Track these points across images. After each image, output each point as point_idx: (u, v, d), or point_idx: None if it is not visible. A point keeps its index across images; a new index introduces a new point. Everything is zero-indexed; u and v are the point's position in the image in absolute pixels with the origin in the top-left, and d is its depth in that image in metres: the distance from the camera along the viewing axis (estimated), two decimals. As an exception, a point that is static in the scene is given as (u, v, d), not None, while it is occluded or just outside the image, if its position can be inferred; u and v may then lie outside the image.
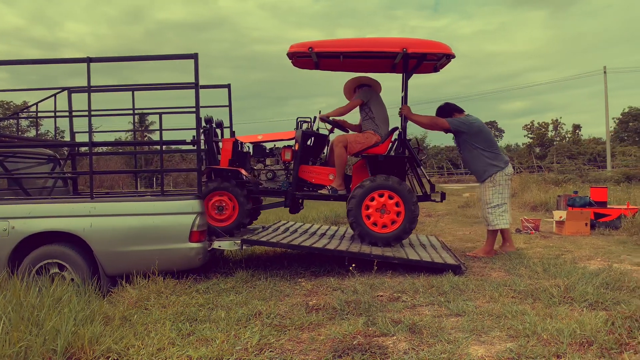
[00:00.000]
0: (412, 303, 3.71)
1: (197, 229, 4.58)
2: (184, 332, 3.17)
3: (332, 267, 5.05)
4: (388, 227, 5.20)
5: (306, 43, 5.24)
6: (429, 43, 5.30)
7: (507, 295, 3.81)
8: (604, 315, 3.09)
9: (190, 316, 3.52)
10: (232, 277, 4.74)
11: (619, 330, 2.81)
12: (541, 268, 4.63)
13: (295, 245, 4.94)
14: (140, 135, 37.75)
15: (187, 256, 4.60)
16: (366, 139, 5.53)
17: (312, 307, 3.64)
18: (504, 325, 3.10)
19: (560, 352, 2.62)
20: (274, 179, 5.66)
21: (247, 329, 3.20)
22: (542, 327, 2.94)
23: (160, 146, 5.08)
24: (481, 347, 2.78)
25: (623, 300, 3.47)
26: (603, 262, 5.09)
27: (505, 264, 5.01)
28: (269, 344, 2.95)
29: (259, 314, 3.52)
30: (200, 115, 4.82)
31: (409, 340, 2.90)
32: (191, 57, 4.71)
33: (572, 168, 24.68)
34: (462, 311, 3.43)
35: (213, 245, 4.85)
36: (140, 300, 3.93)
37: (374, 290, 4.06)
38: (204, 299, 3.99)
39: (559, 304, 3.51)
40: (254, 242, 4.90)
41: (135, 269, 4.46)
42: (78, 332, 2.91)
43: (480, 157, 5.64)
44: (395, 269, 4.82)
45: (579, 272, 4.32)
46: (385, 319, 3.23)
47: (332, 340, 2.94)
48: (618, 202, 10.11)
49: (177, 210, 4.64)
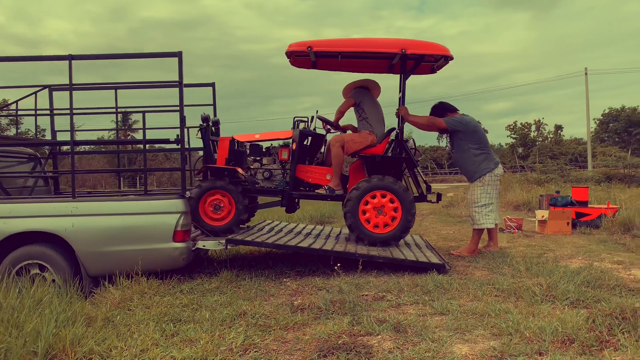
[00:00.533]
0: (397, 302, 3.72)
1: (181, 229, 4.54)
2: (168, 333, 3.14)
3: (317, 267, 5.05)
4: (386, 227, 5.22)
5: (305, 42, 5.27)
6: (428, 44, 5.34)
7: (491, 294, 3.84)
8: (585, 313, 3.13)
9: (174, 317, 3.48)
10: (216, 277, 4.71)
11: (599, 327, 2.86)
12: (524, 267, 4.68)
13: (280, 245, 4.93)
14: (124, 134, 37.35)
15: (171, 256, 4.56)
16: (363, 139, 5.54)
17: (297, 307, 3.64)
18: (487, 324, 3.12)
19: (543, 349, 2.66)
20: (271, 178, 5.64)
21: (232, 329, 3.18)
22: (525, 325, 2.98)
23: (143, 145, 5.03)
24: (465, 346, 2.80)
25: (603, 298, 3.52)
26: (584, 260, 5.17)
27: (489, 263, 5.06)
28: (253, 344, 2.94)
29: (244, 314, 3.51)
30: (184, 114, 4.78)
31: (393, 340, 2.91)
32: (175, 56, 4.67)
33: (554, 168, 25.00)
34: (446, 310, 3.45)
35: (197, 245, 4.81)
36: (123, 301, 3.89)
37: (359, 290, 4.07)
38: (188, 299, 3.96)
39: (542, 302, 3.55)
40: (238, 241, 4.88)
41: (118, 270, 4.40)
42: (59, 333, 2.86)
43: (472, 157, 5.68)
44: (380, 268, 4.83)
45: (560, 270, 4.38)
46: (370, 318, 3.24)
47: (317, 339, 2.94)
48: (598, 201, 10.27)
49: (160, 210, 4.59)
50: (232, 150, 5.52)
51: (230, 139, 5.53)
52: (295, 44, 5.32)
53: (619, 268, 4.82)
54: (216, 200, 5.25)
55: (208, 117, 5.50)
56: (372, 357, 2.68)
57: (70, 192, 4.77)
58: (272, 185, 5.62)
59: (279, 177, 5.64)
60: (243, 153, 5.71)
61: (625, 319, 2.90)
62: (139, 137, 27.54)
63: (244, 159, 5.70)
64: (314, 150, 5.96)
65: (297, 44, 5.31)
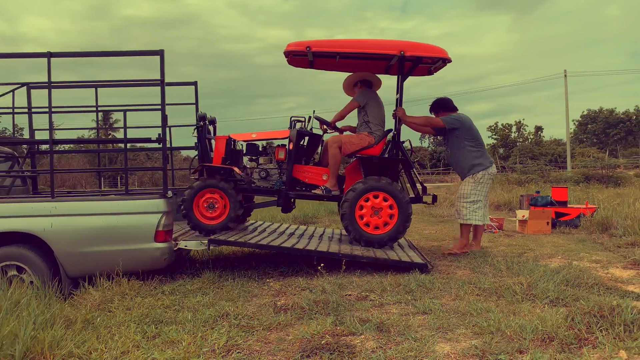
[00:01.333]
0: (380, 302, 3.73)
1: (162, 229, 4.50)
2: (149, 335, 3.11)
3: (300, 267, 5.04)
4: (382, 228, 5.24)
5: (304, 42, 5.28)
6: (427, 47, 5.39)
7: (472, 293, 3.88)
8: (564, 312, 3.18)
9: (156, 318, 3.44)
10: (198, 278, 4.67)
11: (578, 325, 2.90)
12: (505, 266, 4.74)
13: (263, 245, 4.90)
14: (105, 134, 36.86)
15: (153, 256, 4.51)
16: (360, 140, 5.55)
17: (281, 308, 3.63)
18: (469, 323, 3.15)
19: (523, 348, 2.69)
20: (267, 177, 5.63)
21: (214, 330, 3.16)
22: (506, 324, 3.01)
23: (124, 144, 4.97)
24: (447, 345, 2.83)
25: (582, 297, 3.58)
26: (563, 259, 5.25)
27: (470, 263, 5.11)
28: (236, 345, 2.92)
29: (227, 315, 3.48)
30: (165, 113, 4.73)
31: (376, 339, 2.92)
32: (157, 54, 4.62)
33: (535, 168, 25.37)
34: (428, 309, 3.47)
35: (179, 245, 4.77)
36: (103, 303, 3.84)
37: (342, 290, 4.07)
38: (170, 300, 3.92)
39: (522, 301, 3.60)
40: (221, 242, 4.84)
41: (99, 271, 4.34)
42: (37, 336, 2.81)
43: (468, 154, 5.73)
44: (363, 268, 4.84)
45: (540, 269, 4.45)
46: (353, 318, 3.24)
47: (301, 340, 2.93)
48: (577, 201, 10.45)
49: (142, 210, 4.54)
50: (228, 149, 5.50)
51: (227, 138, 5.51)
52: (294, 43, 5.34)
53: (597, 267, 4.90)
54: (210, 199, 5.24)
55: (205, 116, 5.49)
56: (355, 357, 2.68)
57: (49, 191, 4.69)
58: (269, 184, 5.61)
59: (275, 176, 5.63)
60: (239, 152, 5.68)
61: (603, 317, 2.95)
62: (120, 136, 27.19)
63: (240, 158, 5.68)
64: (311, 150, 5.98)
65: (296, 43, 5.32)
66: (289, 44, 5.36)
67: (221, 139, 5.51)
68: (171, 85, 5.93)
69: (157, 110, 4.71)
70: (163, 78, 4.63)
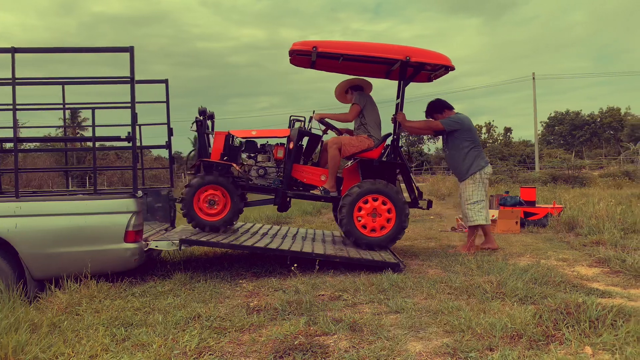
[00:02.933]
0: (353, 301, 3.75)
1: (132, 229, 4.41)
2: (119, 338, 3.04)
3: (274, 268, 5.01)
4: (382, 230, 5.30)
5: (311, 42, 5.30)
6: (432, 54, 5.49)
7: (444, 291, 3.93)
8: (532, 309, 3.25)
9: (126, 321, 3.38)
10: (170, 279, 4.60)
11: (546, 322, 2.97)
12: (475, 265, 4.82)
13: (236, 245, 4.86)
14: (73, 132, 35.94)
15: (122, 257, 4.42)
16: (360, 142, 5.59)
17: (253, 309, 3.60)
18: (440, 321, 3.19)
19: (493, 345, 2.74)
20: (265, 176, 5.60)
21: (186, 332, 3.11)
22: (476, 322, 3.06)
23: (92, 143, 4.84)
24: (419, 343, 2.85)
25: (549, 294, 3.67)
26: (532, 258, 5.37)
27: (442, 262, 5.17)
28: (208, 347, 2.89)
29: (198, 316, 3.44)
30: (135, 111, 4.64)
31: (349, 339, 2.93)
32: (126, 51, 4.52)
33: (504, 169, 25.92)
34: (400, 308, 3.50)
35: (150, 246, 4.68)
36: (70, 306, 3.74)
37: (315, 290, 4.07)
38: (140, 302, 3.85)
39: (492, 299, 3.66)
40: (193, 242, 4.77)
41: (66, 272, 4.23)
42: (1, 341, 2.72)
43: (467, 154, 5.78)
44: (336, 268, 4.85)
45: (510, 268, 4.53)
46: (326, 318, 3.25)
47: (274, 341, 2.92)
48: (545, 201, 10.70)
49: (111, 210, 4.45)
50: (227, 145, 5.47)
51: (227, 134, 5.48)
52: (300, 43, 5.36)
53: (563, 265, 5.03)
54: (210, 196, 5.21)
55: (205, 110, 5.46)
56: (328, 357, 2.68)
57: (14, 191, 4.55)
58: (266, 183, 5.59)
59: (273, 175, 5.61)
60: (238, 149, 5.64)
61: (569, 313, 3.03)
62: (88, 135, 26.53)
63: (238, 155, 5.64)
64: (309, 150, 5.99)
65: (302, 43, 5.35)
66: (294, 43, 5.38)
67: (220, 135, 5.49)
68: (141, 83, 5.81)
69: (127, 108, 4.61)
70: (133, 75, 4.54)
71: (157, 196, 6.12)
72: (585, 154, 45.53)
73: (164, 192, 6.15)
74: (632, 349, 2.55)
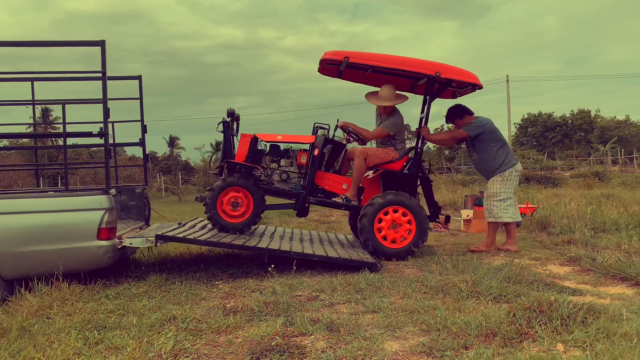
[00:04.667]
0: (330, 301, 3.75)
1: (105, 226, 4.33)
2: (92, 341, 2.98)
3: (250, 269, 4.98)
4: (402, 241, 5.39)
5: (343, 52, 5.40)
6: (461, 71, 5.59)
7: (420, 291, 3.96)
8: (506, 308, 3.30)
9: (99, 324, 3.31)
10: (144, 281, 4.53)
11: (519, 321, 3.02)
12: (450, 264, 4.87)
13: (213, 242, 4.79)
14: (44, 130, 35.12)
15: (95, 255, 4.33)
16: (386, 154, 5.68)
17: (230, 310, 3.57)
18: (416, 320, 3.22)
19: (468, 343, 2.77)
20: (287, 180, 5.65)
21: (161, 334, 3.07)
22: (452, 321, 3.09)
23: (63, 139, 4.72)
24: (396, 343, 2.87)
25: (523, 293, 3.73)
26: (505, 257, 5.45)
27: (418, 261, 5.22)
28: (184, 349, 2.85)
29: (174, 318, 3.39)
30: (107, 106, 4.55)
31: (326, 339, 2.93)
32: (97, 45, 4.42)
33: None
34: (377, 308, 3.52)
35: (124, 243, 4.60)
36: (41, 309, 3.65)
37: (292, 290, 4.06)
38: (114, 304, 3.78)
39: (467, 298, 3.71)
40: (168, 238, 4.69)
41: (37, 272, 4.13)
42: (-33, 346, 2.64)
43: (496, 154, 5.78)
44: (314, 268, 4.85)
45: (484, 267, 4.60)
46: (303, 318, 3.24)
47: (250, 342, 2.90)
48: (518, 201, 10.87)
49: (83, 207, 4.36)
50: (252, 148, 5.51)
51: (252, 137, 5.52)
52: (332, 52, 5.44)
53: (536, 264, 5.13)
54: (233, 198, 5.24)
55: (234, 113, 5.50)
56: (305, 358, 2.68)
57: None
58: (288, 187, 5.64)
59: (295, 180, 5.67)
60: (262, 152, 5.67)
61: (542, 311, 3.08)
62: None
63: (262, 158, 5.67)
64: (332, 158, 6.04)
65: (334, 53, 5.43)
66: (326, 52, 5.46)
67: (246, 137, 5.54)
68: (114, 80, 5.70)
69: (99, 103, 4.51)
70: (104, 70, 4.45)
71: (131, 194, 6.03)
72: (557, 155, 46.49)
73: (138, 189, 6.06)
74: (602, 346, 2.61)
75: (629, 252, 5.15)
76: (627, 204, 9.18)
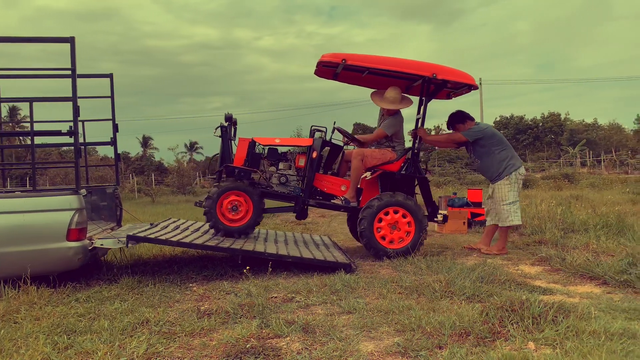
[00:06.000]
0: (306, 303, 3.74)
1: (75, 227, 4.23)
2: (61, 346, 2.90)
3: (225, 270, 4.94)
4: (400, 242, 5.46)
5: (340, 54, 5.42)
6: (458, 72, 5.65)
7: (395, 291, 3.99)
8: (479, 307, 3.35)
9: (68, 328, 3.23)
10: (116, 284, 4.44)
11: (492, 320, 3.07)
12: (425, 265, 4.92)
13: (186, 243, 4.73)
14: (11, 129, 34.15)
15: (65, 257, 4.23)
16: (383, 155, 5.71)
17: (204, 312, 3.53)
18: (391, 321, 3.24)
19: (442, 343, 2.80)
20: (286, 183, 5.65)
21: (134, 338, 3.01)
22: (426, 321, 3.12)
23: (31, 137, 4.59)
24: (371, 343, 2.88)
25: (495, 293, 3.79)
26: (478, 258, 5.54)
27: (393, 262, 5.25)
28: (157, 352, 2.81)
29: (147, 321, 3.34)
30: (77, 104, 4.44)
31: (302, 340, 2.92)
32: (67, 41, 4.31)
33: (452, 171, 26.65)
34: (353, 308, 3.53)
35: (95, 244, 4.49)
36: (8, 313, 3.54)
37: (268, 292, 4.04)
38: (85, 308, 3.70)
39: (441, 298, 3.75)
40: (140, 239, 4.60)
41: (5, 274, 4.02)
42: None
43: (498, 158, 5.81)
44: (289, 269, 4.84)
45: (458, 267, 4.66)
46: (279, 320, 3.22)
47: (225, 345, 2.87)
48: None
49: (52, 207, 4.25)
50: (250, 152, 5.51)
51: (250, 141, 5.52)
52: (330, 55, 5.45)
53: (508, 264, 5.22)
54: (233, 202, 5.24)
55: (231, 117, 5.48)
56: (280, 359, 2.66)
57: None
58: (286, 190, 5.65)
59: (293, 183, 5.68)
60: (260, 156, 5.65)
61: (514, 310, 3.14)
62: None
63: (260, 161, 5.66)
64: (329, 160, 6.07)
65: (332, 55, 5.44)
66: (324, 55, 5.47)
67: (244, 141, 5.54)
68: (84, 77, 5.57)
69: (69, 100, 4.39)
70: (74, 67, 4.34)
71: (102, 194, 5.91)
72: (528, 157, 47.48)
73: (109, 190, 5.94)
74: (571, 344, 2.68)
75: (597, 252, 5.29)
76: (596, 205, 9.43)
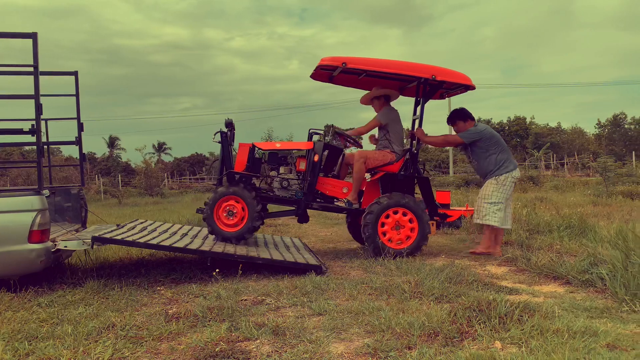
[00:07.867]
0: (276, 305, 3.72)
1: (37, 228, 4.10)
2: (22, 352, 2.81)
3: (194, 273, 4.86)
4: (407, 240, 5.54)
5: (340, 58, 5.43)
6: (455, 74, 5.75)
7: (365, 292, 4.01)
8: (448, 307, 3.40)
9: (30, 334, 3.12)
10: (81, 287, 4.32)
11: (460, 320, 3.11)
12: (395, 266, 4.96)
13: (153, 245, 4.62)
14: (-30, 129, 32.84)
15: (27, 259, 4.10)
16: (383, 157, 5.78)
17: (172, 316, 3.47)
18: (362, 322, 3.25)
19: (412, 344, 2.82)
20: (288, 187, 5.64)
21: (99, 343, 2.93)
22: (396, 322, 3.14)
23: None
24: (341, 345, 2.88)
25: (463, 293, 3.85)
26: (447, 258, 5.62)
27: (363, 263, 5.28)
28: (123, 357, 2.74)
29: (112, 326, 3.26)
30: (40, 102, 4.30)
31: (272, 343, 2.90)
32: (29, 37, 4.17)
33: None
34: (323, 310, 3.53)
35: (58, 246, 4.36)
36: (-35, 319, 3.40)
37: (238, 295, 4.00)
38: (47, 313, 3.58)
39: (410, 298, 3.78)
40: (106, 240, 4.46)
41: None
42: None
43: (494, 159, 5.83)
44: (260, 272, 4.80)
45: (427, 268, 4.72)
46: (249, 323, 3.20)
47: (193, 348, 2.83)
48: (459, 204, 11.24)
49: (12, 208, 4.12)
50: (251, 157, 5.49)
51: (250, 146, 5.51)
52: (330, 58, 5.47)
53: (476, 265, 5.31)
54: (230, 207, 5.23)
55: (232, 123, 5.45)
56: (250, 363, 2.64)
57: None
58: (288, 194, 5.64)
59: (295, 186, 5.67)
60: (260, 160, 5.63)
61: (481, 310, 3.20)
62: (-11, 132, 24.25)
63: (261, 166, 5.63)
64: (329, 163, 6.05)
65: (331, 58, 5.47)
66: (323, 59, 5.50)
67: (245, 146, 5.52)
68: (47, 75, 5.41)
69: (31, 98, 4.25)
70: (37, 63, 4.21)
71: (66, 195, 5.75)
72: (494, 160, 48.47)
73: (74, 190, 5.78)
74: (536, 342, 2.74)
75: (560, 252, 5.44)
76: (559, 206, 9.69)
